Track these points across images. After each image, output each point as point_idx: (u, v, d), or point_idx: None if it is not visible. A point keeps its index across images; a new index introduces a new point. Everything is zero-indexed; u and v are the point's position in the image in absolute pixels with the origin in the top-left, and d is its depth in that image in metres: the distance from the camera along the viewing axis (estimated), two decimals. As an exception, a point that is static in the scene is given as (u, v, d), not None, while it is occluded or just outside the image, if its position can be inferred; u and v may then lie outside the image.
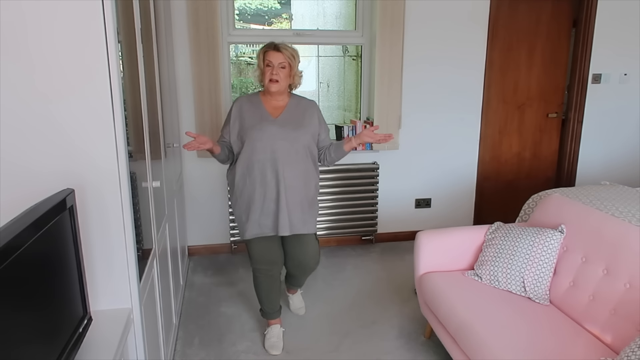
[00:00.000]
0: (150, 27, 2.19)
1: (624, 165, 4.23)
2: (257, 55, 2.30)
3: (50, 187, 1.39)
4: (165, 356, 2.14)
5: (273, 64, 2.21)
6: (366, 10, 3.63)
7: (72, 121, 1.40)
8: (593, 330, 1.90)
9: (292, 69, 2.27)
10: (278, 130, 2.23)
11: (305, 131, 2.29)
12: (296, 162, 2.26)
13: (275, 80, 2.21)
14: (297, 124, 2.28)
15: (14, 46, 1.33)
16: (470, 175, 4.01)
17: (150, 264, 1.88)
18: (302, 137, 2.28)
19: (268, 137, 2.22)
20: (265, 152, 2.22)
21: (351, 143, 2.32)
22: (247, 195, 2.28)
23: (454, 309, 2.07)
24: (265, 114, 2.29)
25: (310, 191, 2.35)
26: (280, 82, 2.23)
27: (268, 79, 2.22)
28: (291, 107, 2.33)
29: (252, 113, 2.28)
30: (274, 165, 2.22)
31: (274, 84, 2.22)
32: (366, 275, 3.35)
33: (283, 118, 2.29)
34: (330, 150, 2.39)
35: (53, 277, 1.18)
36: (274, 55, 2.21)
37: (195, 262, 3.59)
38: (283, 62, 2.21)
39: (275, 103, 2.32)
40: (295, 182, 2.26)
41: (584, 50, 3.92)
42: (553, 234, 2.18)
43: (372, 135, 2.26)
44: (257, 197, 2.25)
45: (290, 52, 2.24)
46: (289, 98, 2.35)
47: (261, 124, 2.24)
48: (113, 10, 1.39)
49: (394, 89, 3.60)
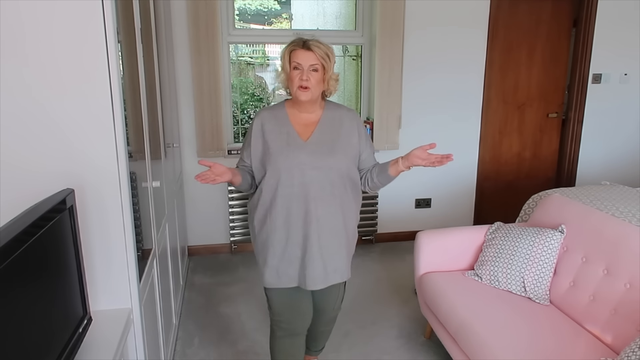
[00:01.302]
0: (150, 27, 2.19)
1: (624, 165, 4.23)
2: (281, 55, 1.82)
3: (50, 187, 1.38)
4: (165, 356, 2.14)
5: (302, 67, 1.73)
6: (366, 10, 3.63)
7: (72, 121, 1.40)
8: (593, 331, 1.89)
9: (327, 71, 1.78)
10: (309, 158, 1.77)
11: (344, 155, 1.83)
12: (332, 196, 1.80)
13: (306, 87, 1.74)
14: (333, 146, 1.82)
15: (14, 46, 1.33)
16: (470, 175, 4.01)
17: (150, 264, 1.88)
18: (339, 164, 1.81)
19: (296, 167, 1.76)
20: (292, 185, 1.76)
21: (398, 166, 1.82)
22: (264, 236, 1.83)
23: (454, 309, 2.07)
24: (293, 134, 1.82)
25: (350, 229, 1.91)
26: (312, 89, 1.75)
27: (297, 86, 1.75)
28: (325, 123, 1.85)
29: (276, 133, 1.82)
30: (303, 202, 1.77)
31: (304, 92, 1.75)
32: (366, 275, 3.35)
33: (315, 140, 1.81)
34: (373, 175, 1.90)
35: (53, 277, 1.18)
36: (303, 55, 1.74)
37: (195, 262, 3.59)
38: (315, 63, 1.74)
39: (305, 118, 1.85)
40: (330, 221, 1.81)
41: (584, 50, 3.92)
42: (553, 234, 2.18)
43: (425, 156, 1.77)
44: (276, 240, 1.80)
45: (324, 50, 1.76)
46: (323, 109, 1.87)
47: (288, 150, 1.78)
48: (113, 10, 1.39)
49: (394, 88, 3.59)
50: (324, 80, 1.79)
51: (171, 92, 2.97)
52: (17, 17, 1.31)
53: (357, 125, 1.89)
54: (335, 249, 1.84)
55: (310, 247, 1.79)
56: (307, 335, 2.14)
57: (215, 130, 3.40)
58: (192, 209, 3.62)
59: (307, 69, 1.73)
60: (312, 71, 1.74)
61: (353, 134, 1.87)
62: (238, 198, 3.55)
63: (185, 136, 3.48)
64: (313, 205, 1.77)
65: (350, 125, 1.87)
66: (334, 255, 1.84)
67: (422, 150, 1.78)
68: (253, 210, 1.87)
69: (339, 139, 1.84)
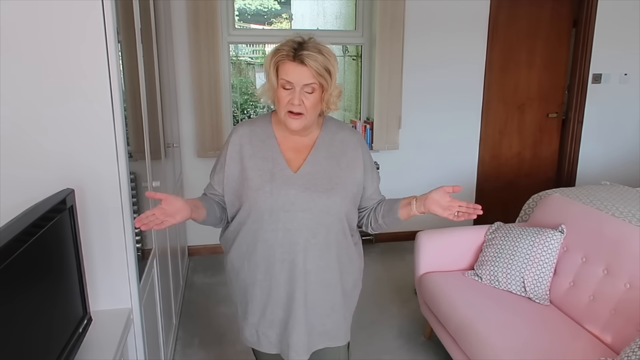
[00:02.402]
0: (150, 27, 2.19)
1: (624, 165, 4.23)
2: (265, 62, 1.36)
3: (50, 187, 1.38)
4: (165, 356, 2.14)
5: (294, 86, 1.29)
6: (366, 10, 3.63)
7: (72, 121, 1.40)
8: (593, 330, 1.89)
9: (325, 90, 1.33)
10: (299, 196, 1.36)
11: (344, 193, 1.41)
12: (326, 245, 1.40)
13: (298, 113, 1.31)
14: (331, 181, 1.39)
15: (15, 45, 1.32)
16: (470, 175, 4.01)
17: (150, 264, 1.88)
18: (338, 206, 1.40)
19: (282, 207, 1.35)
20: (276, 230, 1.37)
21: (411, 209, 1.46)
22: (243, 285, 1.48)
23: (454, 309, 2.07)
24: (280, 161, 1.39)
25: (349, 285, 1.54)
26: (307, 114, 1.32)
27: (285, 111, 1.32)
28: (322, 148, 1.43)
29: (259, 159, 1.40)
30: (288, 253, 1.38)
31: (295, 119, 1.32)
32: (366, 275, 3.32)
33: (308, 170, 1.39)
34: (378, 215, 1.55)
35: (53, 277, 1.18)
36: (294, 72, 1.28)
37: (195, 262, 3.59)
38: (311, 83, 1.29)
39: (297, 141, 1.43)
40: (323, 277, 1.43)
41: (584, 50, 3.92)
42: (553, 234, 2.18)
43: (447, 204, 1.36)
44: (255, 295, 1.45)
45: (323, 63, 1.28)
46: (320, 129, 1.45)
47: (272, 184, 1.36)
48: (113, 10, 1.39)
49: (394, 88, 3.60)
50: (322, 100, 1.35)
51: (171, 92, 2.97)
52: (17, 17, 1.31)
53: (362, 153, 1.48)
54: (327, 310, 1.46)
55: (295, 309, 1.41)
56: None
57: (215, 130, 3.40)
58: (192, 209, 3.62)
59: (300, 89, 1.29)
60: (306, 92, 1.30)
61: (358, 165, 1.46)
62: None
63: (185, 136, 3.47)
64: (302, 256, 1.38)
65: (355, 154, 1.46)
66: (326, 319, 1.46)
67: (443, 194, 1.36)
68: (227, 251, 1.50)
69: (339, 171, 1.42)
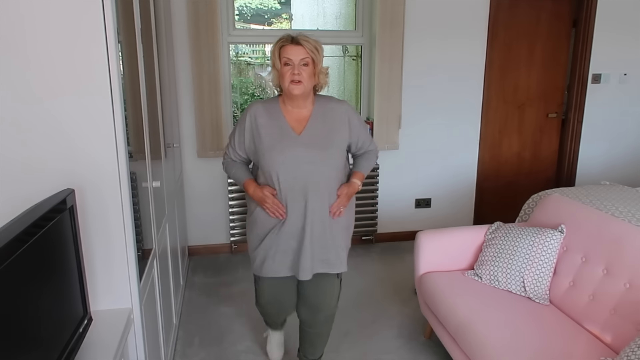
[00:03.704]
0: (150, 27, 2.19)
1: (624, 165, 4.23)
2: (271, 53, 1.88)
3: (50, 187, 1.39)
4: (165, 356, 2.14)
5: (293, 62, 1.79)
6: (366, 11, 3.63)
7: (72, 121, 1.40)
8: (593, 330, 1.90)
9: (317, 65, 1.83)
10: (304, 152, 1.82)
11: (337, 149, 1.90)
12: (326, 189, 1.86)
13: (298, 81, 1.79)
14: (327, 140, 1.87)
15: (15, 46, 1.33)
16: (470, 175, 4.01)
17: (150, 264, 1.88)
18: (333, 158, 1.88)
19: (292, 162, 1.81)
20: (287, 180, 1.82)
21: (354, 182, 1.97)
22: (261, 224, 1.92)
23: (454, 309, 2.07)
24: (287, 128, 1.86)
25: (343, 224, 1.98)
26: (304, 82, 1.80)
27: (289, 81, 1.79)
28: (317, 117, 1.90)
29: (270, 128, 1.86)
30: (300, 196, 1.83)
31: (297, 86, 1.79)
32: (366, 275, 3.35)
33: (309, 134, 1.86)
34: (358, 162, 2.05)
35: (53, 277, 1.18)
36: (293, 51, 1.79)
37: (195, 262, 3.59)
38: (305, 57, 1.79)
39: (297, 113, 1.89)
40: (324, 214, 1.88)
41: (584, 50, 3.92)
42: (553, 234, 2.18)
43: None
44: (274, 230, 1.89)
45: (313, 44, 1.81)
46: (314, 104, 1.92)
47: (282, 145, 1.83)
48: (113, 10, 1.39)
49: (393, 88, 3.60)
50: (314, 74, 1.84)
51: (171, 92, 2.97)
52: (17, 17, 1.31)
53: (348, 117, 1.94)
54: (327, 242, 1.91)
55: (304, 239, 1.86)
56: (304, 340, 2.19)
57: (215, 130, 3.40)
58: (192, 209, 3.62)
59: (297, 63, 1.79)
60: (303, 65, 1.79)
61: (344, 126, 1.92)
62: (238, 198, 3.55)
63: (185, 136, 3.48)
64: (310, 198, 1.83)
65: (342, 119, 1.92)
66: (325, 249, 1.91)
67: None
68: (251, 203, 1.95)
69: (332, 132, 1.89)
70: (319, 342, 2.18)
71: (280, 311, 2.12)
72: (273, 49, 1.86)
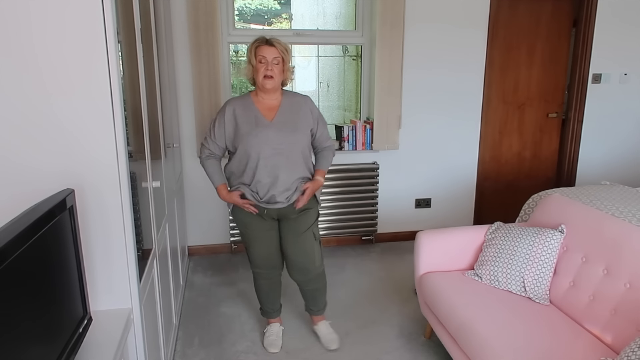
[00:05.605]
0: (150, 27, 2.19)
1: (624, 165, 4.23)
2: (247, 51, 2.20)
3: (50, 187, 1.39)
4: (165, 356, 2.14)
5: (267, 60, 2.12)
6: (366, 10, 3.63)
7: (72, 121, 1.40)
8: (593, 330, 1.89)
9: (286, 64, 2.19)
10: (275, 135, 2.17)
11: (303, 133, 2.23)
12: (293, 164, 2.21)
13: (270, 77, 2.13)
14: (294, 125, 2.21)
15: (14, 46, 1.33)
16: (470, 175, 4.01)
17: (150, 264, 1.88)
18: (299, 140, 2.22)
19: (265, 144, 2.15)
20: (262, 159, 2.16)
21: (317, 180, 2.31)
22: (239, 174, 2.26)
23: (454, 309, 2.07)
24: (260, 116, 2.20)
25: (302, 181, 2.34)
26: (275, 78, 2.14)
27: (262, 75, 2.13)
28: (285, 107, 2.24)
29: (245, 117, 2.20)
30: (272, 171, 2.18)
31: (268, 80, 2.13)
32: (366, 275, 3.35)
33: (279, 120, 2.21)
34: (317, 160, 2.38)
35: (53, 277, 1.18)
36: (267, 50, 2.13)
37: (195, 262, 3.59)
38: (277, 56, 2.13)
39: (268, 103, 2.23)
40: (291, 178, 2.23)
41: (584, 50, 3.92)
42: (553, 234, 2.18)
43: None
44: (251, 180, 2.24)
45: (284, 46, 2.16)
46: (282, 96, 2.26)
47: (256, 129, 2.16)
48: (113, 11, 1.39)
49: (394, 88, 3.59)
50: (283, 71, 2.19)
51: (171, 92, 2.97)
52: (17, 17, 1.31)
53: (310, 109, 2.28)
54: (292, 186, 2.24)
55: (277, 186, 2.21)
56: (306, 297, 2.51)
57: (215, 130, 3.40)
58: (192, 209, 3.62)
59: (270, 61, 2.13)
60: (274, 64, 2.14)
61: (308, 116, 2.27)
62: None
63: (185, 136, 3.48)
64: (279, 172, 2.18)
65: (305, 109, 2.27)
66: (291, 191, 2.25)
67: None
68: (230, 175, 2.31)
69: (298, 119, 2.23)
70: (318, 295, 2.50)
71: (270, 269, 2.41)
72: (249, 47, 2.18)
